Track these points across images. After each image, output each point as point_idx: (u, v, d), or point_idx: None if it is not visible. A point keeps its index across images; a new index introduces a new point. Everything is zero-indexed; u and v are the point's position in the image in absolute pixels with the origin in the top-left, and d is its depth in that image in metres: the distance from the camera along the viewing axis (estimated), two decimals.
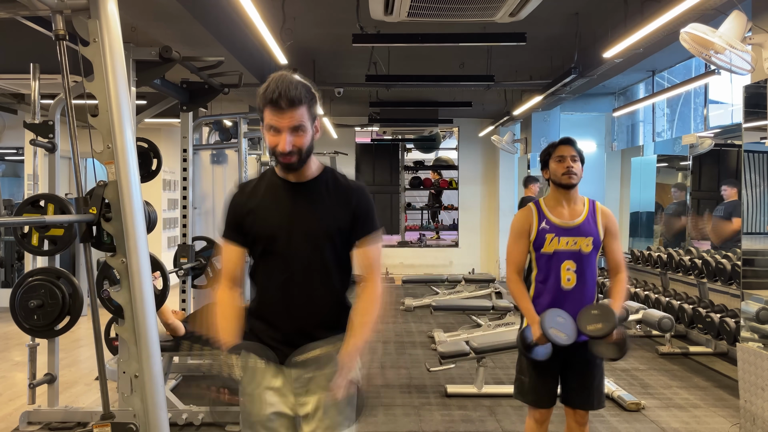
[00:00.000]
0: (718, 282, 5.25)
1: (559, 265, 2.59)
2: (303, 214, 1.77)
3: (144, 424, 2.46)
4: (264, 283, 1.82)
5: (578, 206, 2.65)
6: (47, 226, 3.20)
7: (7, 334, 6.29)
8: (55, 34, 2.41)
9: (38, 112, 3.61)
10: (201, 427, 3.73)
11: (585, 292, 2.61)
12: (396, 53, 6.80)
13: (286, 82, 1.68)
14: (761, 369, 3.44)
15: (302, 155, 1.73)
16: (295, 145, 1.70)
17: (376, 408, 4.15)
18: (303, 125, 1.70)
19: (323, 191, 1.80)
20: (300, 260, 1.76)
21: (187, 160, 4.70)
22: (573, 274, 2.58)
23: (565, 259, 2.58)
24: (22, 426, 3.70)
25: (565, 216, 2.63)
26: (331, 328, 1.79)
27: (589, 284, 2.62)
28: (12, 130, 8.05)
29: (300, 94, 1.68)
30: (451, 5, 3.60)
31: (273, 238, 1.77)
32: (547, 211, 2.65)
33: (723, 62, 3.51)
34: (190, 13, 4.25)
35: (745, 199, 3.91)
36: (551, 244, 2.60)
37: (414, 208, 13.50)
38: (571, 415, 2.68)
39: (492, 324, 5.94)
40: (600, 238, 2.63)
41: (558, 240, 2.59)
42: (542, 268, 2.63)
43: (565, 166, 2.60)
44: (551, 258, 2.60)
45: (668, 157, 7.37)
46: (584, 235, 2.60)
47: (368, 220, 1.81)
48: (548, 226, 2.62)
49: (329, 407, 1.74)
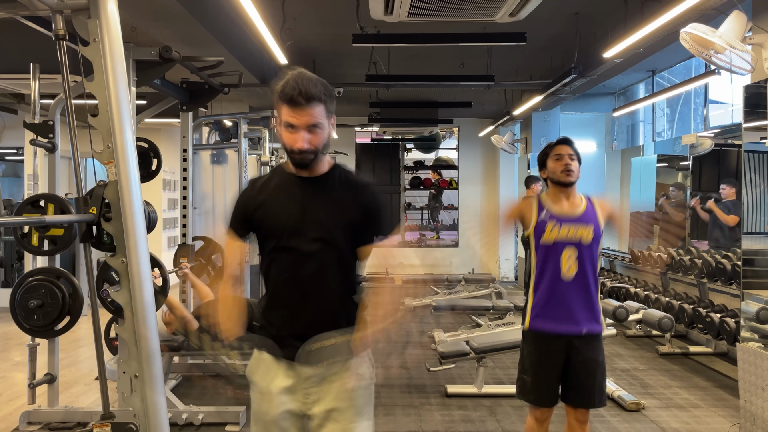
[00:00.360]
0: (718, 282, 5.25)
1: (559, 253, 2.60)
2: (315, 208, 1.76)
3: (144, 424, 2.46)
4: (276, 278, 1.80)
5: (577, 200, 2.69)
6: (47, 226, 3.20)
7: (7, 334, 6.29)
8: (55, 34, 2.41)
9: (38, 112, 3.61)
10: (201, 427, 3.73)
11: (586, 282, 2.61)
12: (396, 53, 6.80)
13: (305, 79, 1.66)
14: (761, 369, 3.44)
15: (318, 153, 1.72)
16: (311, 143, 1.69)
17: (376, 408, 4.15)
18: (320, 123, 1.69)
19: (335, 186, 1.79)
20: (312, 254, 1.74)
21: (187, 160, 4.71)
22: (574, 262, 2.59)
23: (565, 248, 2.60)
24: (22, 426, 3.70)
25: (565, 208, 2.66)
26: (342, 323, 1.77)
27: (590, 275, 2.62)
28: (12, 130, 8.05)
29: (319, 91, 1.67)
30: (451, 5, 3.60)
31: (285, 232, 1.75)
32: (548, 203, 2.69)
33: (723, 62, 3.51)
34: (190, 13, 4.25)
35: (745, 199, 3.91)
36: (552, 232, 2.61)
37: (414, 208, 13.50)
38: (572, 414, 2.69)
39: (492, 324, 5.94)
40: (600, 229, 2.65)
41: (559, 228, 2.61)
42: (542, 257, 2.64)
43: (563, 164, 2.65)
44: (551, 247, 2.61)
45: (668, 157, 7.37)
46: (585, 223, 2.62)
47: (384, 219, 1.80)
48: (548, 214, 2.64)
49: (342, 406, 1.73)
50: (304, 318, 1.76)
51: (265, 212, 1.78)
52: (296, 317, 1.77)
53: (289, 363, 1.76)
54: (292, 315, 1.77)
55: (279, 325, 1.79)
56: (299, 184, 1.78)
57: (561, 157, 2.66)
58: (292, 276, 1.76)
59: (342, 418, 1.74)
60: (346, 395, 1.74)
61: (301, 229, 1.74)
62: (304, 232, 1.74)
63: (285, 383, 1.76)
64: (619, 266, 7.93)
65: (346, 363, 1.75)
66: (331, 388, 1.74)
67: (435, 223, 13.67)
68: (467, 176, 11.60)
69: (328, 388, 1.74)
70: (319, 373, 1.74)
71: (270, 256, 1.80)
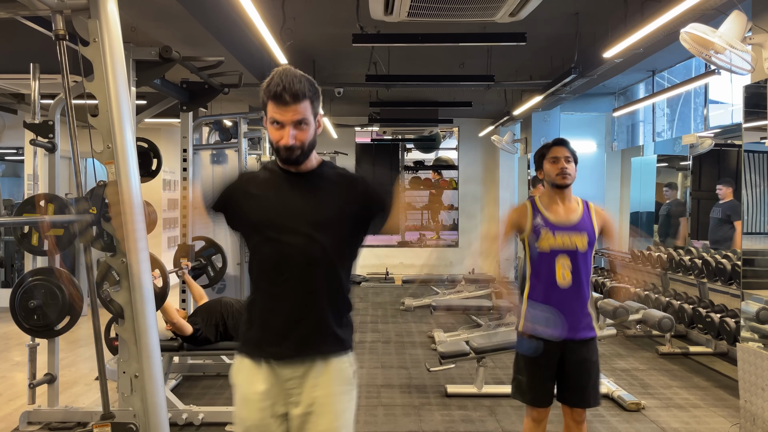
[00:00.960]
0: (718, 282, 5.25)
1: (553, 261, 2.60)
2: (303, 203, 1.75)
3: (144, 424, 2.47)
4: (261, 275, 1.77)
5: (572, 204, 2.69)
6: None
7: (7, 334, 6.29)
8: (55, 34, 2.41)
9: (38, 112, 3.61)
10: (201, 427, 3.73)
11: (580, 290, 2.62)
12: (396, 53, 6.80)
13: (290, 76, 1.66)
14: (761, 369, 3.44)
15: (305, 150, 1.71)
16: (298, 139, 1.69)
17: (376, 408, 4.15)
18: (306, 119, 1.69)
19: (324, 180, 1.78)
20: (299, 250, 1.71)
21: (187, 160, 4.71)
22: (568, 270, 2.59)
23: (560, 255, 2.60)
24: (22, 426, 3.70)
25: (560, 214, 2.66)
26: (330, 321, 1.74)
27: (584, 282, 2.63)
28: (12, 130, 8.05)
29: (304, 87, 1.67)
30: (451, 5, 3.60)
31: (271, 226, 1.74)
32: (543, 208, 2.69)
33: (723, 62, 3.50)
34: (190, 13, 4.25)
35: (745, 199, 3.91)
36: (546, 239, 2.61)
37: (414, 208, 13.49)
38: (568, 414, 2.70)
39: (492, 324, 5.94)
40: (595, 236, 2.66)
41: (554, 236, 2.61)
42: (536, 265, 2.64)
43: (559, 167, 2.65)
44: (546, 255, 2.61)
45: (668, 157, 7.37)
46: (579, 231, 2.63)
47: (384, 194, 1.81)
48: (543, 221, 2.64)
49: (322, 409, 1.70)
50: (288, 315, 1.73)
51: (252, 205, 1.77)
52: (279, 314, 1.73)
53: (269, 365, 1.73)
54: (278, 314, 1.74)
55: (261, 323, 1.76)
56: (288, 179, 1.77)
57: (557, 160, 2.66)
58: (278, 273, 1.73)
59: (321, 420, 1.71)
60: (327, 398, 1.71)
61: (285, 223, 1.73)
62: (288, 227, 1.73)
63: (265, 387, 1.73)
64: (619, 266, 7.92)
65: (327, 364, 1.73)
66: (311, 390, 1.72)
67: (435, 223, 13.67)
68: (467, 176, 11.60)
69: (309, 391, 1.72)
70: (299, 374, 1.72)
71: (255, 253, 1.79)
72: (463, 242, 11.62)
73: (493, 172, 11.40)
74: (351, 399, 1.78)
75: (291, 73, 1.68)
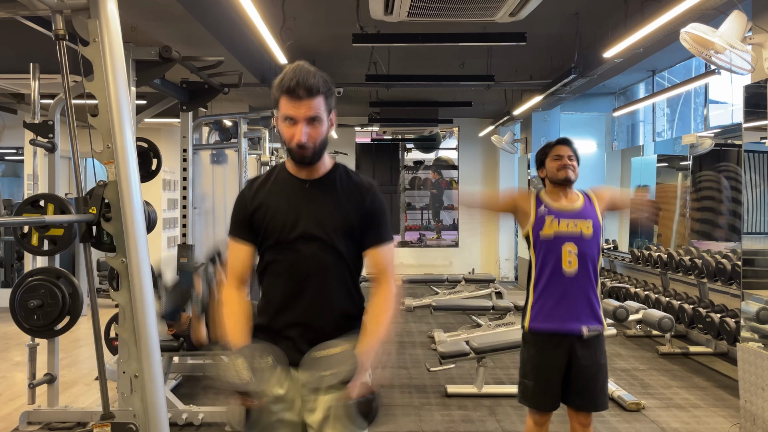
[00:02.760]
0: (718, 282, 5.24)
1: (559, 248, 2.59)
2: (315, 210, 1.72)
3: (144, 424, 2.46)
4: (274, 280, 1.75)
5: (574, 196, 2.70)
6: (47, 226, 3.20)
7: (7, 334, 6.29)
8: (55, 34, 2.41)
9: (38, 112, 3.61)
10: (201, 427, 3.73)
11: (587, 277, 2.60)
12: (396, 53, 6.80)
13: (304, 71, 1.64)
14: (761, 369, 3.44)
15: (317, 148, 1.68)
16: (311, 137, 1.66)
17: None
18: (319, 116, 1.66)
19: (336, 187, 1.75)
20: (312, 256, 1.70)
21: (187, 160, 4.70)
22: (575, 257, 2.58)
23: (565, 242, 2.59)
24: (22, 426, 3.70)
25: (563, 203, 2.67)
26: (343, 327, 1.72)
27: (591, 270, 2.61)
28: (12, 130, 8.05)
29: (318, 83, 1.64)
30: (451, 5, 3.60)
31: (284, 233, 1.71)
32: (546, 199, 2.70)
33: (723, 62, 3.51)
34: (190, 13, 4.26)
35: (745, 199, 3.91)
36: (551, 226, 2.61)
37: (414, 208, 13.50)
38: (574, 417, 2.68)
39: (492, 324, 5.94)
40: (600, 222, 2.65)
41: (558, 222, 2.61)
42: (542, 252, 2.63)
43: (562, 164, 2.66)
44: (551, 242, 2.61)
45: (668, 157, 7.37)
46: (584, 217, 2.62)
47: (382, 225, 1.76)
48: (546, 209, 2.65)
49: (340, 414, 1.66)
50: (303, 322, 1.71)
51: (264, 213, 1.74)
52: (295, 321, 1.71)
53: (285, 369, 1.69)
54: (290, 319, 1.72)
55: (276, 330, 1.73)
56: (299, 185, 1.75)
57: (560, 158, 2.66)
58: (290, 279, 1.71)
59: (338, 427, 1.69)
60: (344, 404, 1.67)
61: (300, 230, 1.71)
62: (303, 234, 1.70)
63: (280, 390, 1.70)
64: (619, 266, 7.93)
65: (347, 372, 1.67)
66: (328, 397, 1.68)
67: (435, 222, 13.68)
68: (467, 176, 11.60)
69: (325, 397, 1.68)
70: (316, 379, 1.66)
71: (268, 259, 1.76)
72: (463, 242, 11.62)
73: (493, 172, 11.40)
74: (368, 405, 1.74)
75: (305, 69, 1.66)
